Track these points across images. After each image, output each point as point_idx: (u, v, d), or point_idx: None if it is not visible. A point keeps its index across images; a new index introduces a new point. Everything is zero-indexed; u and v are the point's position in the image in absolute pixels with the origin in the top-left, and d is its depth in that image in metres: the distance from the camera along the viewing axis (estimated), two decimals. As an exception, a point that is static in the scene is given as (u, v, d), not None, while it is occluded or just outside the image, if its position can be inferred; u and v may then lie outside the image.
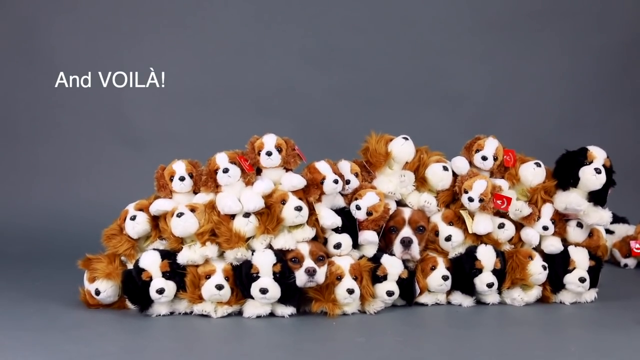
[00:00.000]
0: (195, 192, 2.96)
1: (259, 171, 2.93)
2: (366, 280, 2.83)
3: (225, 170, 2.85)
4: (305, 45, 5.21)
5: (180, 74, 5.10)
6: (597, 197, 3.01)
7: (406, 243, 2.93)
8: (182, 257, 2.80)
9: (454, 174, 3.07)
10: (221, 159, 2.89)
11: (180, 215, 2.79)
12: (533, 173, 3.05)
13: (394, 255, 2.93)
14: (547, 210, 3.03)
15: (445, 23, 5.32)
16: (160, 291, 2.75)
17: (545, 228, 3.01)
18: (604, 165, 3.01)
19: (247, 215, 2.79)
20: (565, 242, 3.06)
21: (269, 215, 2.80)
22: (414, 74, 5.26)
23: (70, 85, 5.02)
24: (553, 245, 3.02)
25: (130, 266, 2.86)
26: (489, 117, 5.25)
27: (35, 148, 4.98)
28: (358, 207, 2.92)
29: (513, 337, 2.57)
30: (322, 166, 2.91)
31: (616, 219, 3.92)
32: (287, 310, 2.77)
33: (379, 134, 3.08)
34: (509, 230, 3.01)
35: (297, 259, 2.78)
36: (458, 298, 2.99)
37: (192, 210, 2.81)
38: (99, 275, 2.85)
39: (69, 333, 2.57)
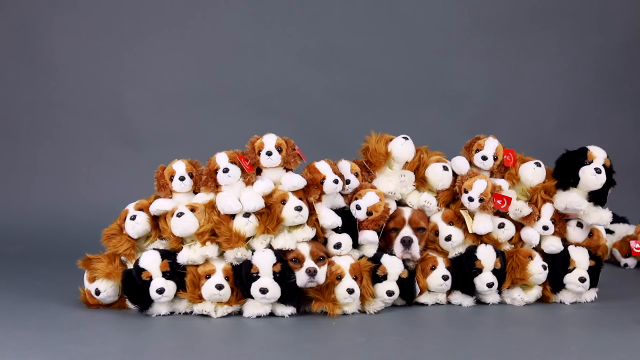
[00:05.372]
0: (195, 192, 2.96)
1: (259, 171, 2.93)
2: (366, 280, 2.84)
3: (225, 170, 2.85)
4: (305, 45, 5.21)
5: (180, 74, 5.11)
6: (597, 197, 3.01)
7: (406, 242, 2.93)
8: (182, 257, 2.80)
9: (454, 174, 3.07)
10: (221, 159, 2.89)
11: (180, 215, 2.79)
12: (533, 173, 3.05)
13: (394, 255, 2.93)
14: (547, 210, 3.03)
15: (445, 23, 5.33)
16: (160, 291, 2.75)
17: (545, 228, 3.01)
18: (604, 165, 3.01)
19: (247, 215, 2.79)
20: (565, 242, 3.06)
21: (269, 215, 2.80)
22: (414, 74, 5.26)
23: (70, 85, 5.03)
24: (553, 245, 3.02)
25: (130, 266, 2.86)
26: (489, 117, 5.25)
27: (35, 148, 4.99)
28: (358, 207, 2.92)
29: (513, 337, 2.57)
30: (322, 166, 2.91)
31: (616, 219, 3.92)
32: (287, 310, 2.77)
33: (379, 134, 3.08)
34: (509, 230, 3.01)
35: (297, 259, 2.78)
36: (458, 298, 2.99)
37: (192, 210, 2.82)
38: (99, 275, 2.85)
39: (69, 333, 2.57)
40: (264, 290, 2.70)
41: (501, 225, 3.01)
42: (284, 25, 5.22)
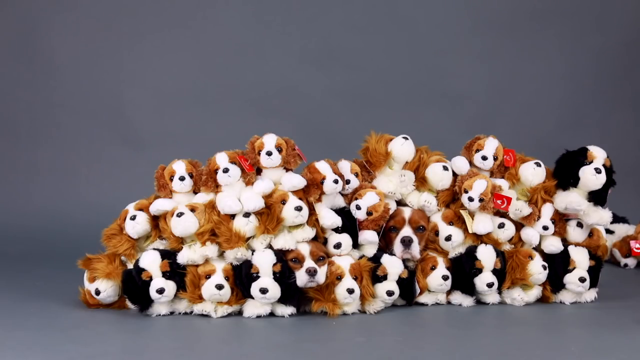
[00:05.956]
0: (195, 192, 2.96)
1: (259, 171, 2.93)
2: (366, 280, 2.83)
3: (225, 170, 2.85)
4: (305, 45, 5.21)
5: (180, 74, 5.11)
6: (597, 197, 3.01)
7: (406, 242, 2.93)
8: (182, 257, 2.80)
9: (454, 174, 3.07)
10: (221, 159, 2.89)
11: (180, 215, 2.79)
12: (533, 173, 3.05)
13: (394, 254, 2.93)
14: (547, 210, 3.03)
15: (445, 23, 5.33)
16: (160, 291, 2.75)
17: (545, 228, 3.01)
18: (604, 165, 3.01)
19: (247, 215, 2.79)
20: (565, 242, 3.06)
21: (269, 215, 2.80)
22: (413, 74, 5.26)
23: (70, 85, 5.03)
24: (553, 245, 3.02)
25: (130, 266, 2.86)
26: (489, 117, 5.25)
27: (35, 148, 4.99)
28: (358, 207, 2.92)
29: (513, 337, 2.57)
30: (322, 166, 2.91)
31: (616, 219, 3.92)
32: (287, 310, 2.77)
33: (379, 134, 3.08)
34: (509, 230, 3.01)
35: (297, 259, 2.78)
36: (458, 298, 2.99)
37: (192, 210, 2.81)
38: (99, 275, 2.85)
39: (69, 333, 2.57)
40: (264, 290, 2.70)
41: (501, 225, 3.01)
42: (284, 25, 5.22)
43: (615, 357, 2.33)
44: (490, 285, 2.93)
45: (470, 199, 2.96)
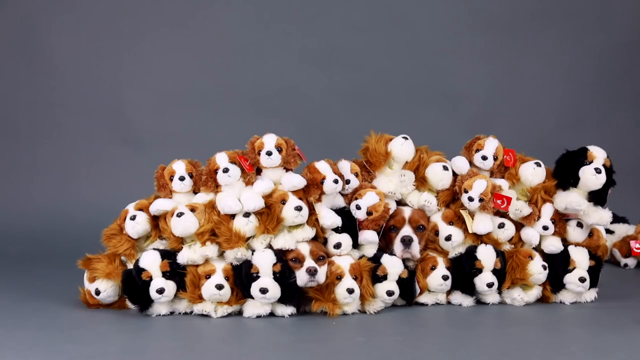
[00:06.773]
0: (195, 192, 2.96)
1: (259, 171, 2.94)
2: (366, 280, 2.84)
3: (225, 170, 2.85)
4: (305, 45, 5.21)
5: (180, 74, 5.11)
6: (597, 197, 3.01)
7: (406, 242, 2.93)
8: (182, 257, 2.80)
9: (454, 174, 3.07)
10: (221, 159, 2.89)
11: (180, 215, 2.79)
12: (533, 173, 3.05)
13: (394, 254, 2.93)
14: (547, 210, 3.03)
15: (445, 23, 5.33)
16: (160, 291, 2.75)
17: (545, 228, 3.01)
18: (604, 165, 3.01)
19: (247, 215, 2.79)
20: (565, 242, 3.06)
21: (269, 215, 2.80)
22: (413, 74, 5.26)
23: (70, 85, 5.03)
24: (553, 245, 3.02)
25: (130, 266, 2.86)
26: (489, 117, 5.25)
27: (35, 148, 4.99)
28: (358, 207, 2.92)
29: (513, 337, 2.57)
30: (322, 166, 2.91)
31: (616, 219, 3.92)
32: (287, 310, 2.77)
33: (379, 134, 3.09)
34: (509, 230, 3.01)
35: (297, 259, 2.78)
36: (458, 298, 2.99)
37: (192, 210, 2.82)
38: (99, 275, 2.85)
39: (69, 333, 2.57)
40: (264, 290, 2.70)
41: (501, 225, 3.01)
42: (284, 25, 5.22)
43: (615, 357, 2.33)
44: (490, 285, 2.93)
45: (470, 199, 2.96)
